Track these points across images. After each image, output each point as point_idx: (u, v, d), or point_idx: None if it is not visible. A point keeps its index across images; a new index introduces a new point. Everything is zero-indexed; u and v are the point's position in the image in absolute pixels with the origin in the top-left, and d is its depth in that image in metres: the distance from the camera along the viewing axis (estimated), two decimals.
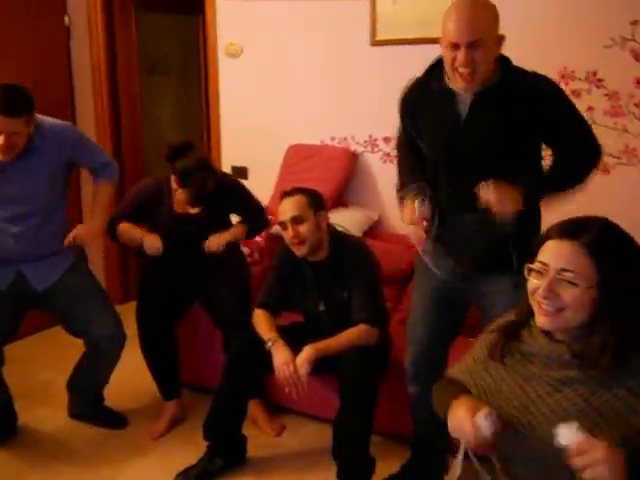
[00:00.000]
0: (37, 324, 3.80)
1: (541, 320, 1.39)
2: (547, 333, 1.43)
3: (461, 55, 1.94)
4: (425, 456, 2.48)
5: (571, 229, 1.38)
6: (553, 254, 1.37)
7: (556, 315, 1.36)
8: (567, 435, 1.27)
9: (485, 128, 2.03)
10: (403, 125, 2.30)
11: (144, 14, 4.41)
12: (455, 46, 1.94)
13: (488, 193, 1.96)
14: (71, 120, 3.94)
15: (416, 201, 2.08)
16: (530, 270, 1.41)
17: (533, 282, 1.40)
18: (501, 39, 2.01)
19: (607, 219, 1.42)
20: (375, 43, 3.41)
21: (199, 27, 4.69)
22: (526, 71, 2.07)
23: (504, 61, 2.06)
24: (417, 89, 2.21)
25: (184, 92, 4.92)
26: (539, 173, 2.12)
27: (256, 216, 2.99)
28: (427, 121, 2.17)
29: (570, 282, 1.34)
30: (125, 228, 2.86)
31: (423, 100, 2.18)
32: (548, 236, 1.41)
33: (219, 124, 3.96)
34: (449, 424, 1.47)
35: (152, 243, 2.79)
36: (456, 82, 2.02)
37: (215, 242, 2.83)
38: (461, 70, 1.96)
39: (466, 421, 1.41)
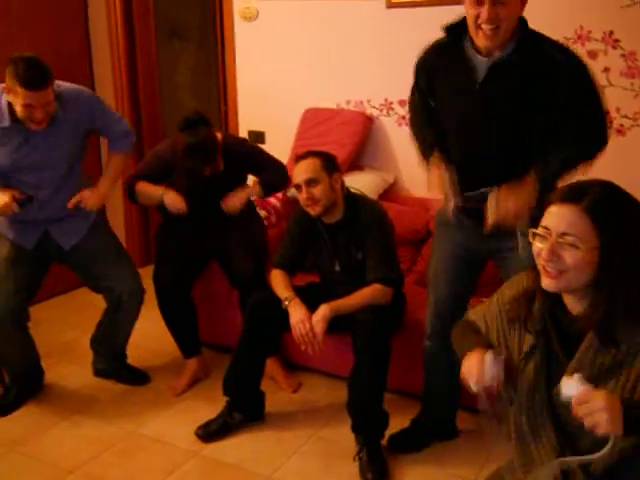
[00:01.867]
0: (62, 286, 3.91)
1: (545, 282, 1.42)
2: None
3: (485, 12, 1.92)
4: (436, 410, 2.55)
5: (572, 193, 1.40)
6: (555, 218, 1.40)
7: (559, 277, 1.39)
8: (570, 386, 1.34)
9: (499, 99, 2.03)
10: (418, 86, 2.29)
11: None
12: (479, 2, 1.93)
13: (495, 213, 1.99)
14: (89, 85, 3.98)
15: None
16: (534, 234, 1.44)
17: (537, 246, 1.43)
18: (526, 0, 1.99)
19: (609, 182, 1.43)
20: (391, 5, 3.39)
21: None
22: (547, 40, 2.03)
23: (522, 25, 2.03)
24: (436, 51, 2.19)
25: (202, 57, 4.92)
26: (549, 163, 2.05)
27: (274, 172, 2.99)
28: (443, 85, 2.17)
29: (571, 245, 1.36)
30: (143, 187, 2.90)
31: (441, 63, 2.17)
32: (551, 201, 1.43)
33: (236, 89, 3.98)
34: (462, 368, 1.55)
35: (175, 201, 2.83)
36: (479, 40, 1.99)
37: (233, 202, 2.87)
38: (484, 27, 1.94)
39: (475, 361, 1.50)
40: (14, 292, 2.67)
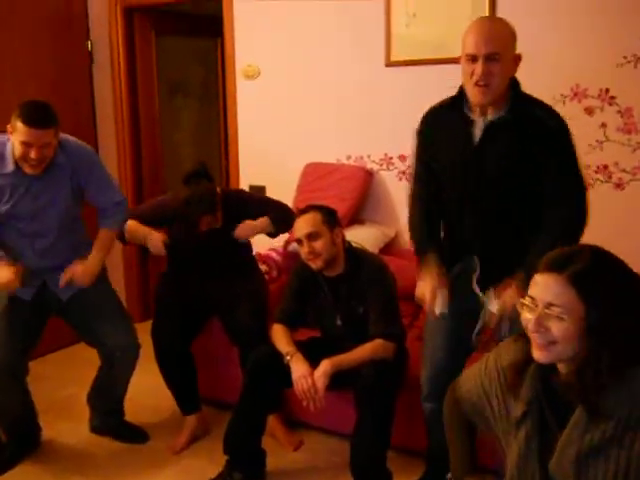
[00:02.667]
0: (60, 341, 3.88)
1: (536, 354, 1.39)
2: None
3: (479, 67, 1.99)
4: (440, 471, 2.49)
5: (557, 262, 1.36)
6: (540, 288, 1.37)
7: (548, 349, 1.36)
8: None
9: (495, 155, 2.08)
10: (418, 158, 2.32)
11: (164, 38, 4.52)
12: (474, 59, 2.00)
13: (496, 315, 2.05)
14: (93, 142, 4.04)
15: None
16: (522, 305, 1.41)
17: (525, 316, 1.40)
18: (518, 58, 2.06)
19: (596, 248, 1.39)
20: (390, 64, 3.47)
21: (218, 50, 4.79)
22: (536, 101, 2.11)
23: (515, 86, 2.10)
24: (434, 115, 2.26)
25: (203, 113, 5.00)
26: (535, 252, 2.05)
27: (279, 210, 3.00)
28: (442, 144, 2.22)
29: (557, 317, 1.33)
30: (133, 224, 2.90)
31: (441, 125, 2.23)
32: (537, 269, 1.39)
33: (237, 144, 4.04)
34: None
35: (156, 244, 2.85)
36: (473, 96, 2.06)
37: (244, 229, 2.88)
38: (478, 83, 2.01)
39: None
40: (12, 345, 2.65)
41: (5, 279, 2.51)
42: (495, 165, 2.08)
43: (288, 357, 2.49)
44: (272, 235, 3.03)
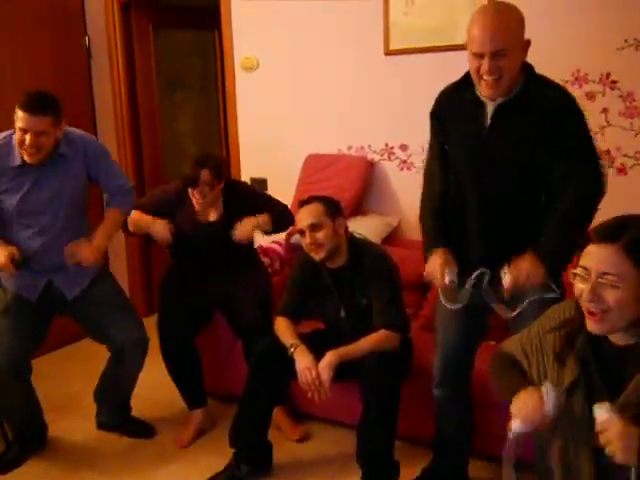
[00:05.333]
0: (64, 338, 3.88)
1: (590, 325, 1.42)
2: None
3: (485, 64, 1.95)
4: (447, 459, 2.49)
5: (610, 232, 1.39)
6: (594, 258, 1.39)
7: (603, 318, 1.39)
8: (598, 413, 1.36)
9: (505, 140, 2.05)
10: (436, 139, 2.29)
11: (162, 31, 4.50)
12: (480, 55, 1.96)
13: (509, 281, 1.99)
14: (92, 133, 4.02)
15: None
16: (574, 275, 1.44)
17: (578, 286, 1.43)
18: (527, 44, 2.01)
19: None
20: (389, 52, 3.44)
21: (216, 42, 4.77)
22: (548, 81, 2.07)
23: (528, 69, 2.07)
24: (447, 97, 2.23)
25: (203, 106, 4.99)
26: (547, 227, 2.06)
27: (280, 211, 2.99)
28: (455, 127, 2.19)
29: (612, 285, 1.36)
30: (136, 214, 2.89)
31: (453, 106, 2.20)
32: (589, 239, 1.42)
33: (237, 136, 4.02)
34: (513, 406, 1.54)
35: (161, 230, 2.84)
36: (482, 89, 2.03)
37: (243, 230, 2.86)
38: (486, 78, 1.98)
39: (532, 398, 1.49)
40: (17, 345, 2.64)
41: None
42: (506, 147, 2.05)
43: (292, 349, 2.48)
44: (267, 233, 3.02)
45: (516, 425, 1.51)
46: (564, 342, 1.51)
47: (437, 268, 2.12)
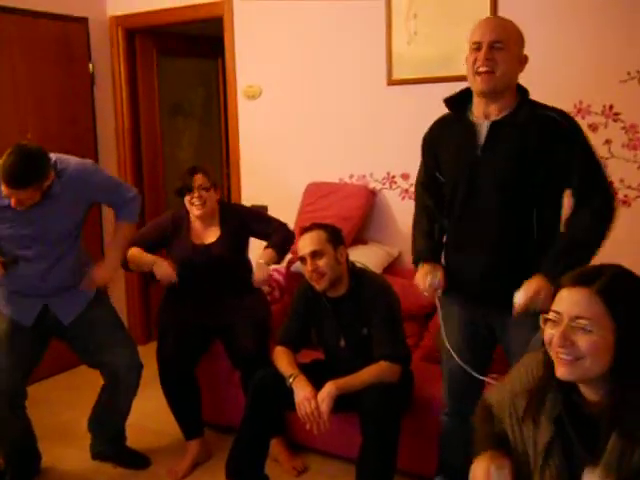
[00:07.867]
0: (59, 366, 3.84)
1: (560, 371, 1.36)
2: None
3: (482, 53, 2.01)
4: None
5: (584, 276, 1.37)
6: (566, 302, 1.36)
7: (574, 364, 1.33)
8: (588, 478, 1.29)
9: (500, 158, 2.06)
10: (425, 166, 2.33)
11: (166, 59, 4.53)
12: (478, 47, 2.02)
13: (524, 294, 1.98)
14: (94, 159, 4.01)
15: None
16: (546, 320, 1.39)
17: (549, 332, 1.38)
18: (524, 59, 2.07)
19: (620, 266, 1.40)
20: (391, 82, 3.46)
21: (219, 70, 4.80)
22: (547, 105, 2.09)
23: (523, 93, 2.10)
24: (440, 122, 2.27)
25: (205, 133, 5.01)
26: (556, 248, 2.05)
27: (279, 233, 2.97)
28: (447, 152, 2.21)
29: (584, 329, 1.31)
30: (136, 253, 2.87)
31: (444, 133, 2.23)
32: (561, 285, 1.39)
33: (239, 164, 4.02)
34: (470, 472, 1.51)
35: (165, 271, 2.81)
36: (476, 85, 2.06)
37: (259, 275, 2.84)
38: (481, 69, 2.01)
39: (479, 472, 1.45)
40: (12, 371, 2.61)
41: None
42: (501, 165, 2.06)
43: (291, 379, 2.44)
44: (278, 260, 2.98)
45: None
46: (534, 403, 1.45)
47: (422, 275, 2.23)
